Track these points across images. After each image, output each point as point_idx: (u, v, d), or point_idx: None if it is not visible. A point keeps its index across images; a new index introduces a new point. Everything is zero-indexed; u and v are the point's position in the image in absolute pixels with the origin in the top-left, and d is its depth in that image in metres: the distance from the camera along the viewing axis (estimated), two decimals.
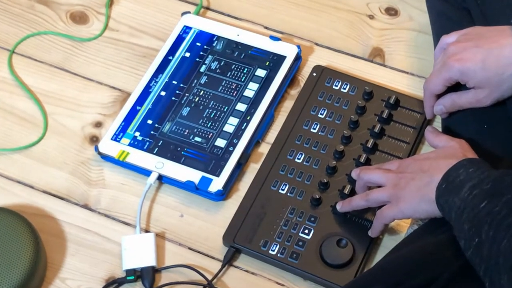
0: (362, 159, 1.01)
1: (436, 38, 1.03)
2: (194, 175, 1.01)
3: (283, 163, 1.02)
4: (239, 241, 0.96)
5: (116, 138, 1.05)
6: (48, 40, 1.15)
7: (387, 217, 0.91)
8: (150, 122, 1.06)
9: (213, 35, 1.13)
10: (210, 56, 1.11)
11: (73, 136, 1.07)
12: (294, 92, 1.09)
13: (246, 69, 1.10)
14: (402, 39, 1.14)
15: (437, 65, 0.97)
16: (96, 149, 1.04)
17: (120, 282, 0.95)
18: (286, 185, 1.00)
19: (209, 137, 1.05)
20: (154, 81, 1.09)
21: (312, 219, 0.98)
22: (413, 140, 1.03)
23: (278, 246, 0.96)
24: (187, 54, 1.12)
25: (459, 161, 0.85)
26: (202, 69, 1.10)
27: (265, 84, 1.08)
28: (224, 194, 1.01)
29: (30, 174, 1.04)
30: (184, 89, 1.09)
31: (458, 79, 0.94)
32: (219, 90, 1.08)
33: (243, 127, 1.05)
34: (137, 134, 1.05)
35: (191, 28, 1.14)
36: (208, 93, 1.08)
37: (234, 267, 0.97)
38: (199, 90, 1.09)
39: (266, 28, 1.16)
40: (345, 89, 1.08)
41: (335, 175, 1.01)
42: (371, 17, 1.16)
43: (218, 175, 1.01)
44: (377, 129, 1.03)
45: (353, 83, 1.08)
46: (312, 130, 1.04)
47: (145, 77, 1.10)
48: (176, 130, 1.05)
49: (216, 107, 1.07)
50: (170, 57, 1.11)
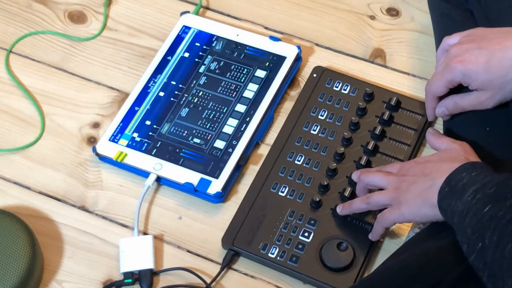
0: (363, 161, 1.00)
1: (438, 39, 1.02)
2: (192, 176, 1.00)
3: (282, 165, 1.01)
4: (238, 244, 0.96)
5: (114, 139, 1.04)
6: (46, 39, 1.15)
7: (388, 220, 0.90)
8: (148, 123, 1.05)
9: (213, 35, 1.12)
10: (209, 57, 1.10)
11: (70, 136, 1.06)
12: (294, 93, 1.09)
13: (246, 69, 1.09)
14: (404, 40, 1.13)
15: (439, 66, 0.96)
16: (94, 150, 1.03)
17: (117, 285, 0.94)
18: (285, 187, 0.99)
19: (208, 138, 1.04)
20: (152, 81, 1.09)
21: (312, 222, 0.97)
22: (414, 142, 1.02)
23: (277, 249, 0.95)
24: (186, 54, 1.11)
25: (461, 164, 0.84)
26: (201, 70, 1.09)
27: (264, 85, 1.07)
28: (223, 196, 1.00)
29: (27, 175, 1.03)
30: (183, 89, 1.08)
31: (460, 81, 0.94)
32: (218, 91, 1.07)
33: (242, 129, 1.04)
34: (135, 135, 1.04)
35: (190, 28, 1.13)
36: (207, 94, 1.07)
37: (233, 270, 0.96)
38: (198, 91, 1.08)
39: (266, 28, 1.15)
40: (345, 90, 1.07)
41: (335, 177, 1.00)
42: (372, 17, 1.15)
43: (217, 177, 1.00)
44: (378, 131, 1.02)
45: (354, 84, 1.07)
46: (312, 132, 1.04)
47: (143, 77, 1.09)
48: (174, 131, 1.04)
49: (215, 108, 1.06)
50: (169, 57, 1.10)
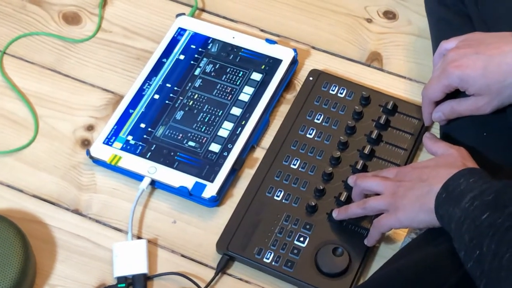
0: (359, 166, 0.99)
1: (435, 43, 1.01)
2: (187, 180, 1.00)
3: (278, 169, 1.00)
4: (233, 249, 0.95)
5: (108, 142, 1.03)
6: (39, 41, 1.14)
7: (385, 226, 0.90)
8: (143, 125, 1.04)
9: (208, 38, 1.11)
10: (205, 59, 1.10)
11: (64, 139, 1.05)
12: (290, 97, 1.08)
13: (242, 72, 1.08)
14: (401, 43, 1.12)
15: (436, 71, 0.96)
16: (88, 153, 1.02)
17: None
18: (281, 191, 0.99)
19: (203, 141, 1.03)
20: (147, 84, 1.08)
21: (308, 226, 0.96)
22: (410, 147, 1.02)
23: (272, 254, 0.94)
24: (182, 57, 1.10)
25: (459, 170, 0.83)
26: (197, 72, 1.09)
27: (260, 88, 1.07)
28: (218, 200, 0.99)
29: (20, 178, 1.03)
30: (178, 92, 1.07)
31: (457, 86, 0.93)
32: (213, 94, 1.07)
33: (237, 132, 1.03)
34: (129, 138, 1.04)
35: (185, 30, 1.12)
36: (202, 97, 1.06)
37: (227, 275, 0.95)
38: (193, 94, 1.07)
39: (262, 30, 1.14)
40: (342, 94, 1.06)
41: (331, 181, 0.99)
42: (369, 20, 1.14)
43: (212, 181, 1.00)
44: (374, 135, 1.02)
45: (350, 88, 1.06)
46: (308, 136, 1.03)
47: (138, 79, 1.08)
48: (169, 134, 1.04)
49: (210, 111, 1.05)
50: (164, 60, 1.10)
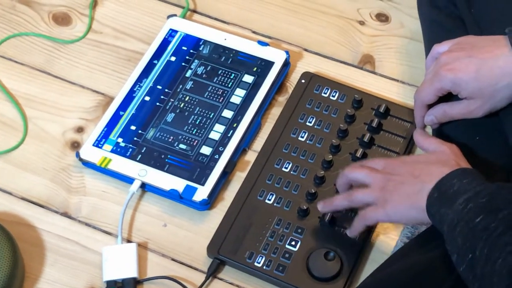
0: None
1: (428, 47, 1.01)
2: (178, 183, 0.99)
3: (270, 172, 1.00)
4: (224, 253, 0.94)
5: (98, 144, 1.02)
6: (29, 41, 1.13)
7: (372, 219, 0.89)
8: (133, 128, 1.04)
9: (200, 39, 1.11)
10: (196, 61, 1.09)
11: (53, 141, 1.04)
12: (282, 99, 1.07)
13: (233, 74, 1.07)
14: (393, 46, 1.12)
15: (428, 74, 0.96)
16: (77, 155, 1.01)
17: None
18: (273, 195, 0.98)
19: (194, 144, 1.02)
20: (138, 85, 1.07)
21: (299, 230, 0.95)
22: (403, 150, 1.01)
23: (264, 258, 0.94)
24: (173, 58, 1.09)
25: (452, 170, 0.82)
26: (188, 74, 1.08)
27: (252, 91, 1.06)
28: (209, 203, 0.98)
29: (9, 180, 1.02)
30: (169, 94, 1.06)
31: (450, 89, 0.93)
32: (205, 96, 1.06)
33: (229, 135, 1.03)
34: (120, 140, 1.03)
35: (177, 32, 1.11)
36: (193, 99, 1.06)
37: (218, 279, 0.95)
38: (184, 96, 1.06)
39: (254, 32, 1.14)
40: (334, 96, 1.05)
41: (323, 185, 0.99)
42: (362, 23, 1.14)
43: (203, 184, 0.99)
44: (366, 138, 1.01)
45: (343, 90, 1.06)
46: (300, 139, 1.02)
47: (129, 81, 1.07)
48: (160, 136, 1.03)
49: (201, 113, 1.04)
50: (155, 61, 1.09)
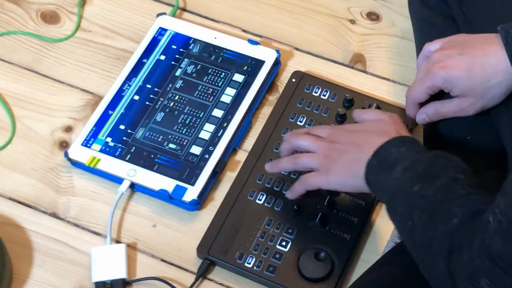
0: None
1: (419, 46, 1.01)
2: (168, 183, 0.98)
3: (260, 172, 0.99)
4: (214, 253, 0.93)
5: (86, 143, 1.01)
6: (17, 40, 1.12)
7: (313, 184, 0.91)
8: (122, 127, 1.03)
9: (190, 38, 1.10)
10: (186, 60, 1.08)
11: (42, 141, 1.03)
12: (273, 98, 1.07)
13: (223, 73, 1.07)
14: (384, 45, 1.11)
15: (420, 73, 0.95)
16: (66, 155, 1.00)
17: None
18: (263, 195, 0.97)
19: (184, 144, 1.01)
20: (127, 84, 1.06)
21: (290, 230, 0.95)
22: None
23: (254, 259, 0.93)
24: (162, 57, 1.08)
25: (390, 139, 0.84)
26: (178, 73, 1.07)
27: (242, 90, 1.05)
28: (199, 203, 0.98)
29: None
30: (159, 93, 1.05)
31: (441, 87, 0.93)
32: (195, 95, 1.05)
33: (219, 134, 1.02)
34: (108, 139, 1.02)
35: (166, 30, 1.11)
36: (183, 98, 1.05)
37: (208, 280, 0.94)
38: (174, 95, 1.05)
39: (244, 31, 1.13)
40: (325, 96, 1.05)
41: None
42: (352, 21, 1.13)
43: (193, 184, 0.98)
44: None
45: (333, 90, 1.05)
46: None
47: (118, 80, 1.06)
48: (149, 136, 1.02)
49: (191, 112, 1.04)
50: (145, 60, 1.08)
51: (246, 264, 0.93)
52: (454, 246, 0.73)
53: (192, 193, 0.97)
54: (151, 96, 1.05)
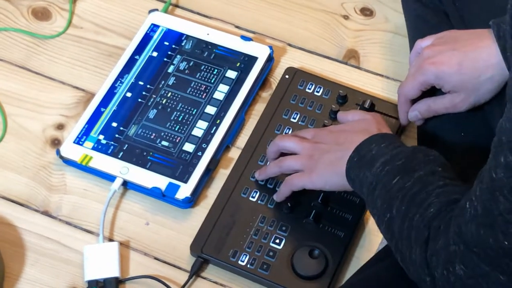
0: None
1: (412, 41, 1.00)
2: (160, 181, 0.97)
3: (254, 169, 0.99)
4: (207, 251, 0.93)
5: (79, 141, 1.01)
6: (8, 37, 1.11)
7: (297, 185, 0.92)
8: (115, 124, 1.02)
9: (182, 34, 1.09)
10: (178, 56, 1.07)
11: (33, 138, 1.03)
12: (266, 95, 1.06)
13: (216, 70, 1.06)
14: (378, 40, 1.11)
15: (412, 68, 0.95)
16: (58, 152, 1.00)
17: None
18: (256, 192, 0.97)
19: (177, 141, 1.01)
20: (119, 81, 1.05)
21: (284, 228, 0.94)
22: None
23: (248, 257, 0.92)
24: (155, 54, 1.08)
25: (371, 135, 0.85)
26: (170, 70, 1.06)
27: (235, 86, 1.05)
28: (192, 201, 0.97)
29: None
30: (151, 90, 1.05)
31: (433, 83, 0.93)
32: (187, 92, 1.05)
33: (212, 131, 1.01)
34: (101, 137, 1.01)
35: (158, 27, 1.10)
36: (176, 95, 1.04)
37: (201, 278, 0.94)
38: (166, 92, 1.05)
39: (237, 27, 1.12)
40: (318, 92, 1.04)
41: None
42: (346, 17, 1.13)
43: (186, 181, 0.98)
44: None
45: (327, 86, 1.05)
46: None
47: (110, 77, 1.06)
48: (142, 133, 1.01)
49: (184, 109, 1.03)
50: (137, 57, 1.07)
51: (239, 262, 0.92)
52: (430, 234, 0.74)
53: (185, 190, 0.97)
54: (144, 93, 1.05)
